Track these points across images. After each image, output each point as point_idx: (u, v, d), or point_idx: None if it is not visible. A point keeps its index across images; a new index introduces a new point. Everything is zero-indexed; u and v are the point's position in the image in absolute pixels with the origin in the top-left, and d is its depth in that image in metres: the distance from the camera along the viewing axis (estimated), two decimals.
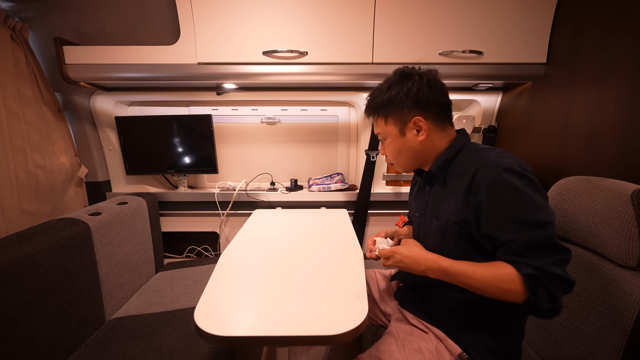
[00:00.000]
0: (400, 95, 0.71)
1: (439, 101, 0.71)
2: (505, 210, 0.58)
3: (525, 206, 0.57)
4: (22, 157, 1.10)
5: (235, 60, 1.15)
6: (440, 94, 0.71)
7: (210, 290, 0.73)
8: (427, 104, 0.70)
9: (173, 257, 1.63)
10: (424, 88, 0.70)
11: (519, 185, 0.58)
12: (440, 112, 0.72)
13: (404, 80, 0.71)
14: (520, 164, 0.61)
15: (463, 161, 0.69)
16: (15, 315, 0.74)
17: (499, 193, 0.59)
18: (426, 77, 0.70)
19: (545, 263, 0.55)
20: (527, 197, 0.57)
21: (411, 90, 0.70)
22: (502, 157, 0.62)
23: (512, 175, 0.59)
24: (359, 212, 1.49)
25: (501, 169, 0.59)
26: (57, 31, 1.18)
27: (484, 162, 0.63)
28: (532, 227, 0.57)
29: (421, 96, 0.70)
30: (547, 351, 0.82)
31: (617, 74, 0.88)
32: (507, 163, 0.60)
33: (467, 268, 0.62)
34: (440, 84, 0.72)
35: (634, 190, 0.66)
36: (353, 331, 0.59)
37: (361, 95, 1.40)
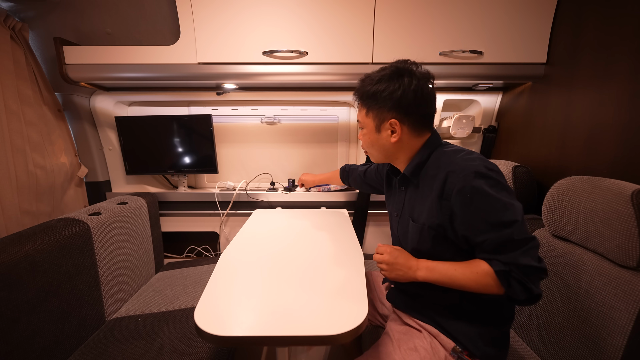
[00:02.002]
0: (385, 93, 0.71)
1: (421, 111, 0.72)
2: (476, 213, 0.62)
3: (493, 208, 0.61)
4: (22, 157, 1.10)
5: (235, 60, 1.15)
6: (424, 104, 0.71)
7: (210, 290, 0.72)
8: (407, 111, 0.71)
9: (173, 257, 1.63)
10: (409, 94, 0.69)
11: (487, 188, 0.61)
12: (419, 120, 0.73)
13: (394, 77, 0.71)
14: (486, 165, 0.64)
15: (434, 164, 0.72)
16: (15, 315, 0.74)
17: (470, 198, 0.62)
18: (416, 83, 0.69)
19: (514, 256, 0.60)
20: (494, 199, 0.61)
21: (395, 93, 0.69)
22: (469, 159, 0.66)
23: (480, 179, 0.62)
24: (359, 212, 1.49)
25: (470, 172, 0.63)
26: (57, 31, 1.18)
27: (453, 167, 0.66)
28: (501, 227, 0.60)
29: (403, 102, 0.70)
30: (547, 351, 0.82)
31: (617, 75, 0.88)
32: (474, 167, 0.63)
33: (450, 268, 0.67)
34: (427, 95, 0.71)
35: (634, 190, 0.66)
36: (353, 331, 0.59)
37: None
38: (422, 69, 0.72)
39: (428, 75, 0.72)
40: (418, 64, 0.72)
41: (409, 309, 0.81)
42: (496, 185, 0.62)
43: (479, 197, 0.62)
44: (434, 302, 0.75)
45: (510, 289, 0.60)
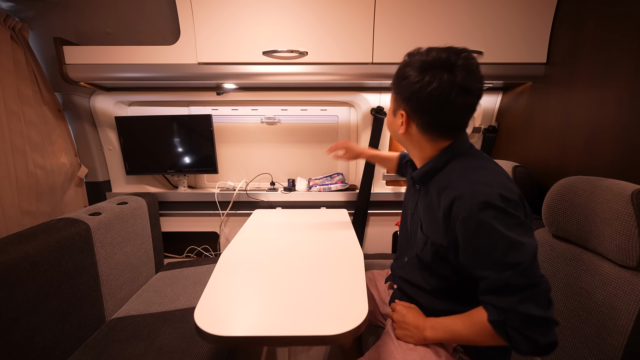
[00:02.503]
0: (405, 81, 0.64)
1: (436, 118, 0.64)
2: (478, 248, 0.57)
3: (497, 246, 0.54)
4: (22, 157, 1.10)
5: (235, 60, 1.15)
6: (440, 112, 0.62)
7: (210, 290, 0.72)
8: (418, 111, 0.65)
9: (173, 257, 1.63)
10: (424, 95, 0.61)
11: (494, 223, 0.54)
12: (432, 125, 0.65)
13: (424, 68, 0.61)
14: (503, 192, 0.56)
15: (447, 176, 0.65)
16: (15, 315, 0.74)
17: (473, 230, 0.56)
18: (439, 86, 0.59)
19: (510, 302, 0.53)
20: (500, 236, 0.54)
21: (413, 86, 0.62)
22: (485, 183, 0.58)
23: (488, 210, 0.55)
24: (359, 212, 1.49)
25: (478, 202, 0.55)
26: (57, 31, 1.18)
27: (463, 190, 0.59)
28: (502, 267, 0.54)
29: (415, 99, 0.63)
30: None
31: (617, 74, 0.88)
32: (486, 195, 0.55)
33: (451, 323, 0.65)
34: (450, 103, 0.60)
35: (634, 190, 0.66)
36: (353, 331, 0.59)
37: (361, 95, 1.40)
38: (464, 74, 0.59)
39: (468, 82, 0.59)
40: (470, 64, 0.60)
41: None
42: (507, 219, 0.54)
43: (482, 231, 0.55)
44: (435, 309, 0.73)
45: (511, 340, 0.54)
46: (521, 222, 0.56)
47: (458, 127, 0.67)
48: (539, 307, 0.52)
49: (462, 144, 0.68)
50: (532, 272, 0.53)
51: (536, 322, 0.52)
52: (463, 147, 0.68)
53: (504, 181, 0.59)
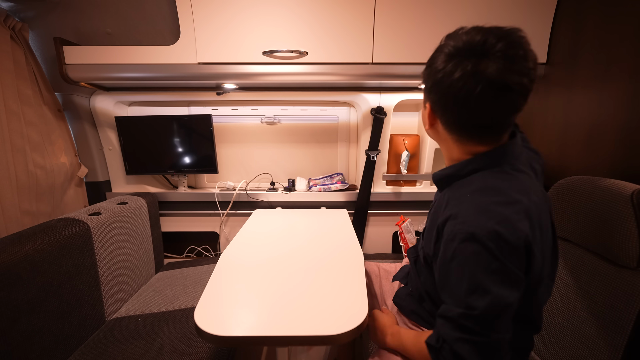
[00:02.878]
0: (429, 69, 0.55)
1: (461, 116, 0.54)
2: (447, 274, 0.53)
3: (462, 282, 0.50)
4: (22, 157, 1.10)
5: (235, 60, 1.15)
6: (465, 112, 0.52)
7: (210, 290, 0.73)
8: (441, 105, 0.56)
9: (173, 257, 1.63)
10: (446, 90, 0.52)
11: (470, 259, 0.49)
12: (457, 124, 0.56)
13: (453, 55, 0.51)
14: (501, 230, 0.47)
15: (463, 188, 0.57)
16: (15, 315, 0.74)
17: (450, 256, 0.52)
18: (464, 82, 0.49)
19: (452, 335, 0.50)
20: (470, 275, 0.49)
21: (436, 74, 0.53)
22: (485, 212, 0.50)
23: (471, 244, 0.48)
24: (359, 212, 1.49)
25: (465, 231, 0.49)
26: (57, 31, 1.18)
27: (460, 212, 0.53)
28: (459, 303, 0.50)
29: (435, 93, 0.55)
30: (547, 351, 0.82)
31: (617, 74, 0.88)
32: (477, 226, 0.48)
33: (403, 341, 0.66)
34: (481, 106, 0.50)
35: (634, 190, 0.66)
36: (353, 331, 0.59)
37: (361, 95, 1.40)
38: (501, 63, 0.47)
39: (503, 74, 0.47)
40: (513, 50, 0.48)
41: (415, 315, 0.77)
42: (488, 261, 0.48)
43: (456, 261, 0.51)
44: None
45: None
46: (504, 269, 0.48)
47: (489, 130, 0.55)
48: (476, 355, 0.48)
49: (502, 154, 0.56)
50: (486, 323, 0.48)
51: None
52: (500, 158, 0.56)
53: (512, 217, 0.49)
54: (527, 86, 0.50)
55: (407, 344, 0.66)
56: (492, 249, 0.47)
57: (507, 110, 0.52)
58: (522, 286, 0.50)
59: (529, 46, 0.50)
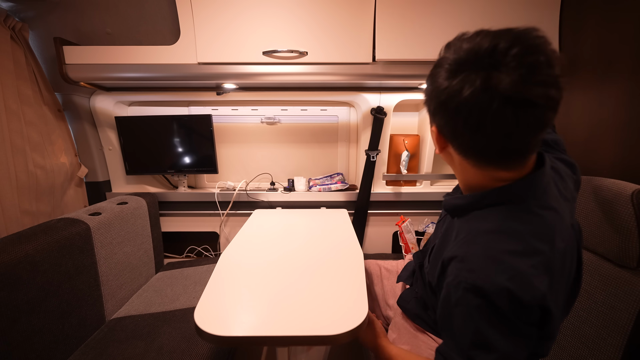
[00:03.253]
0: (430, 87, 0.47)
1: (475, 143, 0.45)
2: (448, 316, 0.48)
3: (465, 334, 0.45)
4: (22, 157, 1.10)
5: (235, 60, 1.15)
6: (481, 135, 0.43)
7: (210, 290, 0.73)
8: (451, 131, 0.47)
9: (173, 257, 1.63)
10: (454, 112, 0.43)
11: (474, 312, 0.44)
12: (474, 153, 0.47)
13: (458, 69, 0.42)
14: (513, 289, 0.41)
15: (472, 222, 0.51)
16: (15, 315, 0.74)
17: (451, 301, 0.47)
18: (477, 101, 0.40)
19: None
20: (474, 327, 0.44)
21: (440, 96, 0.44)
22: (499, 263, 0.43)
23: (476, 298, 0.43)
24: (359, 212, 1.49)
25: (472, 280, 0.44)
26: (57, 31, 1.18)
27: (466, 252, 0.47)
28: (461, 352, 0.46)
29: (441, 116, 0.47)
30: None
31: (617, 75, 0.88)
32: (487, 280, 0.42)
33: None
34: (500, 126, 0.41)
35: (634, 190, 0.66)
36: (353, 331, 0.59)
37: (361, 95, 1.40)
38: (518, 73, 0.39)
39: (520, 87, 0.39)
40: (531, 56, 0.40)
41: (419, 319, 0.75)
42: (495, 317, 0.42)
43: (459, 311, 0.45)
44: None
45: None
46: (513, 327, 0.42)
47: (512, 152, 0.45)
48: None
49: (527, 187, 0.47)
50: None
51: None
52: (525, 193, 0.47)
53: (528, 272, 0.42)
54: (555, 98, 0.42)
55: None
56: (500, 307, 0.42)
57: (533, 129, 0.43)
58: (533, 342, 0.44)
59: (550, 48, 0.41)
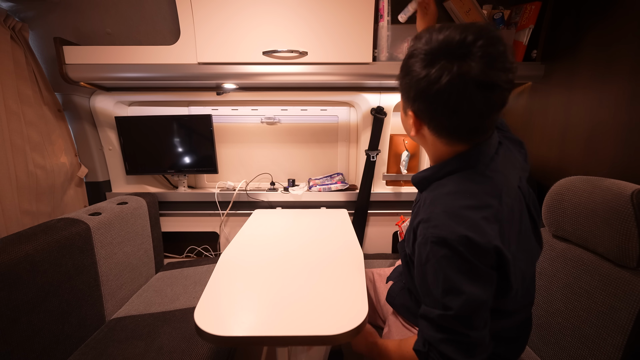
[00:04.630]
0: (408, 77, 0.53)
1: (449, 121, 0.52)
2: (423, 276, 0.55)
3: (437, 284, 0.52)
4: (22, 157, 1.10)
5: (235, 60, 1.15)
6: (457, 116, 0.51)
7: (210, 290, 0.73)
8: (428, 114, 0.54)
9: (173, 257, 1.63)
10: (434, 98, 0.50)
11: (442, 262, 0.50)
12: (449, 132, 0.55)
13: (432, 58, 0.49)
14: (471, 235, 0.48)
15: (434, 190, 0.58)
16: (15, 315, 0.74)
17: (423, 259, 0.54)
18: (453, 86, 0.47)
19: (435, 337, 0.52)
20: (444, 276, 0.51)
21: (420, 82, 0.50)
22: (456, 216, 0.51)
23: (442, 248, 0.50)
24: (359, 212, 1.49)
25: (437, 235, 0.51)
26: (57, 31, 1.18)
27: (431, 215, 0.53)
28: (436, 304, 0.53)
29: (420, 102, 0.53)
30: (547, 351, 0.82)
31: (617, 75, 0.88)
32: (448, 231, 0.50)
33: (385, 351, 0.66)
34: (472, 108, 0.49)
35: (634, 190, 0.66)
36: (353, 331, 0.60)
37: (361, 95, 1.40)
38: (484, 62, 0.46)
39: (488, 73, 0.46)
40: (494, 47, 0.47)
41: (409, 313, 0.77)
42: (459, 262, 0.49)
43: (430, 265, 0.53)
44: None
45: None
46: (475, 269, 0.49)
47: (480, 130, 0.54)
48: (461, 354, 0.51)
49: (479, 155, 0.56)
50: (463, 322, 0.50)
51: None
52: (478, 159, 0.56)
53: (481, 222, 0.50)
54: (512, 81, 0.49)
55: (391, 353, 0.65)
56: (462, 252, 0.49)
57: (497, 108, 0.51)
58: (493, 283, 0.51)
59: (504, 42, 0.48)
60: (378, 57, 1.17)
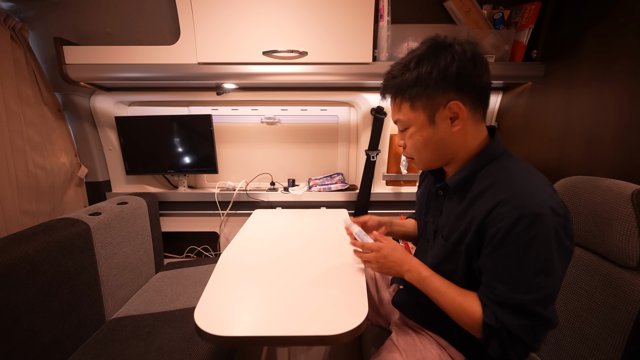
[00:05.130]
0: (434, 74, 0.57)
1: (482, 81, 0.58)
2: (505, 258, 0.53)
3: (527, 266, 0.51)
4: (22, 157, 1.10)
5: (235, 60, 1.15)
6: (485, 71, 0.59)
7: (210, 290, 0.73)
8: (468, 85, 0.58)
9: (173, 257, 1.63)
10: (468, 64, 0.56)
11: (536, 242, 0.50)
12: (479, 96, 0.60)
13: (439, 53, 0.57)
14: (555, 205, 0.50)
15: (487, 179, 0.59)
16: (15, 315, 0.74)
17: (510, 240, 0.52)
18: (470, 50, 0.56)
19: (511, 323, 0.52)
20: (537, 257, 0.50)
21: (450, 68, 0.56)
22: (534, 191, 0.52)
23: (535, 228, 0.49)
24: (359, 212, 1.49)
25: (526, 213, 0.50)
26: (57, 31, 1.18)
27: (509, 195, 0.53)
28: (520, 289, 0.52)
29: (463, 74, 0.56)
30: (547, 351, 0.82)
31: (617, 74, 0.88)
32: (537, 207, 0.50)
33: (442, 287, 0.63)
34: (485, 59, 0.58)
35: (634, 190, 0.66)
36: (353, 331, 0.59)
37: (361, 95, 1.40)
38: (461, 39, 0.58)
39: (472, 40, 0.59)
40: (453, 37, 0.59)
41: (417, 317, 0.77)
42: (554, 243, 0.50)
43: (518, 246, 0.51)
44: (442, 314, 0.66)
45: (489, 343, 0.55)
46: (566, 247, 0.51)
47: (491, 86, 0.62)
48: (533, 339, 0.52)
49: (498, 146, 0.63)
50: (548, 307, 0.51)
51: (522, 345, 0.53)
52: (499, 149, 0.62)
53: (551, 190, 0.53)
54: None
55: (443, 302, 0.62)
56: (558, 228, 0.50)
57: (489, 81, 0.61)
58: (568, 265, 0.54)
59: None
60: (378, 57, 1.17)
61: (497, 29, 1.16)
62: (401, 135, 0.69)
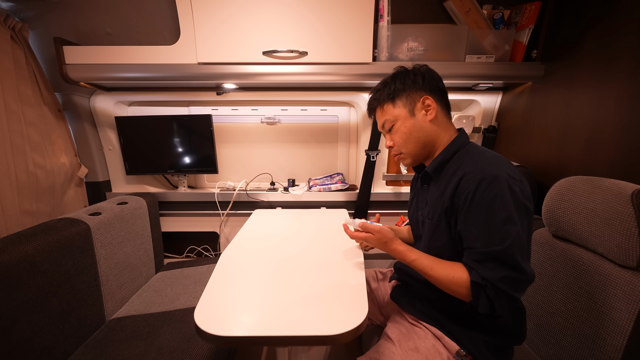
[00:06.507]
0: (407, 80, 0.75)
1: (440, 86, 0.77)
2: (475, 217, 0.62)
3: (493, 219, 0.60)
4: (22, 157, 1.10)
5: (235, 60, 1.15)
6: (439, 80, 0.77)
7: (210, 290, 0.73)
8: (431, 86, 0.75)
9: (173, 257, 1.63)
10: (432, 72, 0.77)
11: (497, 197, 0.60)
12: (443, 96, 0.77)
13: (405, 73, 0.77)
14: (510, 172, 0.62)
15: (457, 162, 0.71)
16: (15, 315, 0.74)
17: (476, 201, 0.62)
18: (424, 69, 0.77)
19: (493, 276, 0.59)
20: (500, 210, 0.59)
21: (417, 76, 0.75)
22: (492, 163, 0.64)
23: (494, 186, 0.60)
24: (359, 212, 1.49)
25: (487, 176, 0.61)
26: (57, 31, 1.18)
27: (473, 167, 0.65)
28: (493, 240, 0.59)
29: (427, 78, 0.75)
30: (547, 351, 0.82)
31: (617, 75, 0.88)
32: (494, 172, 0.61)
33: (428, 264, 0.69)
34: (436, 73, 0.78)
35: (634, 190, 0.66)
36: (353, 331, 0.59)
37: (361, 95, 1.40)
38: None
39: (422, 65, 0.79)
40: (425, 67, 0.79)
41: (413, 309, 0.81)
42: (511, 197, 0.60)
43: (484, 203, 0.61)
44: (442, 307, 0.75)
45: (478, 301, 0.61)
46: (520, 204, 0.60)
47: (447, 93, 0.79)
48: (517, 290, 0.59)
49: (465, 137, 0.76)
50: (519, 252, 0.59)
51: (508, 297, 0.59)
52: (466, 139, 0.76)
53: (509, 164, 0.64)
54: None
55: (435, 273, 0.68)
56: (511, 186, 0.60)
57: None
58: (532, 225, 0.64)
59: None
60: (378, 57, 1.17)
61: (497, 29, 1.16)
62: (389, 137, 0.81)
